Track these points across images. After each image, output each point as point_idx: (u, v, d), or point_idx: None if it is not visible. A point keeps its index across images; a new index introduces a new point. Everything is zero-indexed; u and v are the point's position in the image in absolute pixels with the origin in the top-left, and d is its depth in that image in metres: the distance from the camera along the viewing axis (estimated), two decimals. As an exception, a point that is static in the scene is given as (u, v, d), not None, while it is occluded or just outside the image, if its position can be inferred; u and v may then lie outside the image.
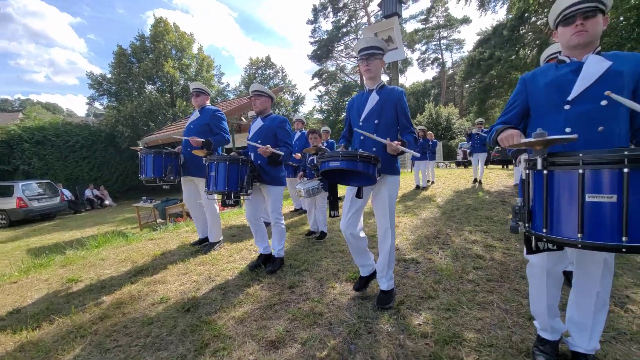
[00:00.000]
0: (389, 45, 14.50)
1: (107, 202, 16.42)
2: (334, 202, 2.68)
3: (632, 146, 1.42)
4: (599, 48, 1.41)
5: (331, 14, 34.94)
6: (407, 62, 38.80)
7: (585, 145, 1.35)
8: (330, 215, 2.71)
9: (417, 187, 8.02)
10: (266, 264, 3.21)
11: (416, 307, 2.26)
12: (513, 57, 18.33)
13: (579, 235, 1.09)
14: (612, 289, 2.36)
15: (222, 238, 4.05)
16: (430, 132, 8.80)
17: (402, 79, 39.89)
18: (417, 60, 40.07)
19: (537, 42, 17.59)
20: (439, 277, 2.72)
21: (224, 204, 3.07)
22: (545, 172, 1.19)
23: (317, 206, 4.19)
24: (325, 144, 5.36)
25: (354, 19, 34.85)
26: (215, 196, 3.70)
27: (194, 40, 25.29)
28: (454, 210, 5.25)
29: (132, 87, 23.70)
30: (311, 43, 36.79)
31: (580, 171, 1.09)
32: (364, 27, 30.28)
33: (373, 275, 2.52)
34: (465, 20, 35.03)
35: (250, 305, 2.46)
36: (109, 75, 23.90)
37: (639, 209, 1.02)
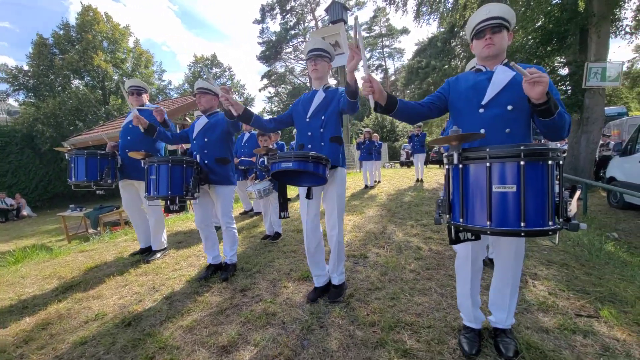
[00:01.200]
0: (336, 50, 14.98)
1: (24, 213, 14.24)
2: (283, 203, 2.67)
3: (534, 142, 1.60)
4: (506, 60, 1.62)
5: (279, 16, 34.81)
6: (354, 67, 40.21)
7: (496, 144, 1.48)
8: (280, 217, 2.69)
9: (366, 186, 8.40)
10: (216, 273, 3.06)
11: (364, 299, 2.40)
12: (446, 66, 20.26)
13: (488, 223, 1.23)
14: (523, 268, 2.77)
15: (166, 245, 3.81)
16: (375, 134, 9.28)
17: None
18: (362, 66, 41.76)
19: (465, 54, 19.67)
20: (385, 270, 2.91)
21: (167, 210, 2.84)
22: (460, 166, 1.32)
23: (271, 207, 4.18)
24: (275, 145, 5.36)
25: (301, 22, 35.14)
26: (159, 201, 3.48)
27: (130, 33, 23.20)
28: (398, 207, 5.62)
29: (54, 81, 20.94)
30: (259, 44, 36.24)
31: (488, 164, 1.24)
32: (311, 30, 30.75)
33: (327, 287, 2.50)
34: (405, 31, 37.58)
35: (199, 313, 2.37)
36: (26, 68, 20.78)
37: (534, 197, 1.19)
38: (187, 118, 11.00)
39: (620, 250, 3.80)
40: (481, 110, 1.56)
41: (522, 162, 1.18)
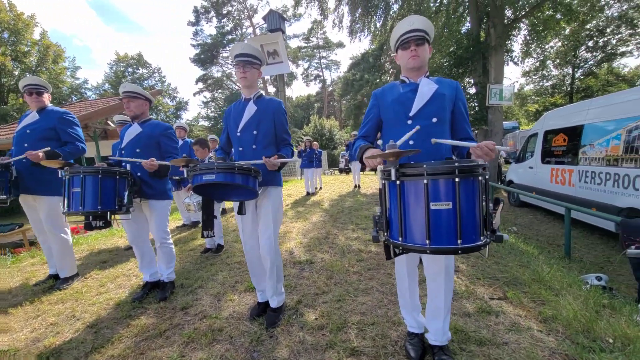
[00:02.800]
0: (275, 59, 15.04)
1: None
2: (207, 221, 2.42)
3: (454, 156, 1.66)
4: (428, 72, 1.68)
5: (215, 19, 33.62)
6: (292, 76, 40.80)
7: (425, 156, 1.55)
8: (202, 236, 2.47)
9: (307, 193, 8.55)
10: (153, 292, 2.82)
11: (312, 304, 2.47)
12: (377, 80, 21.98)
13: (427, 242, 1.21)
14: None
15: (76, 272, 3.26)
16: (315, 142, 9.55)
17: (288, 92, 41.73)
18: (302, 75, 42.67)
19: (393, 70, 21.65)
20: (330, 273, 3.02)
21: (88, 227, 2.49)
22: (398, 182, 1.28)
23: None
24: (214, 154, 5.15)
25: (239, 28, 34.48)
26: (65, 219, 3.01)
27: (36, 23, 19.91)
28: (339, 212, 5.87)
29: None
30: (194, 46, 34.41)
31: (425, 181, 1.21)
32: (249, 37, 30.37)
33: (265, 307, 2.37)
34: (340, 45, 39.57)
35: (133, 339, 2.16)
36: None
37: (469, 214, 1.20)
38: (109, 122, 9.87)
39: (518, 241, 4.56)
40: (409, 122, 1.59)
41: (456, 179, 1.18)
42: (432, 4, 11.48)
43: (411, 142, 1.58)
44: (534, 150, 7.50)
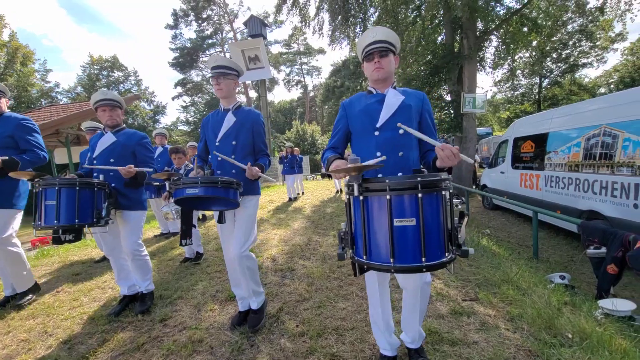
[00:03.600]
0: (256, 64, 15.05)
1: None
2: (186, 230, 2.44)
3: (422, 167, 1.63)
4: (395, 83, 1.67)
5: (194, 23, 33.17)
6: (274, 81, 40.81)
7: (392, 167, 1.53)
8: (181, 244, 2.48)
9: (290, 199, 8.57)
10: (132, 305, 2.73)
11: (293, 311, 2.50)
12: (358, 87, 22.43)
13: (391, 260, 1.16)
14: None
15: (34, 282, 3.08)
16: (297, 148, 9.61)
17: (270, 96, 41.66)
18: (283, 80, 42.76)
19: (375, 77, 22.23)
20: (312, 280, 3.07)
21: (57, 241, 2.40)
22: (361, 198, 1.23)
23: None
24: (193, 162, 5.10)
25: (219, 32, 34.17)
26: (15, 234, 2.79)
27: (5, 24, 18.91)
28: (321, 219, 5.93)
29: None
30: (172, 49, 33.74)
31: (388, 197, 1.16)
32: (230, 41, 30.16)
33: (247, 315, 2.36)
34: (321, 51, 40.02)
35: (109, 353, 2.11)
36: None
37: (433, 230, 1.16)
38: (82, 128, 9.49)
39: (491, 243, 4.79)
40: (376, 133, 1.57)
41: (419, 194, 1.14)
42: (409, 14, 11.91)
43: (378, 154, 1.53)
44: (505, 156, 7.89)
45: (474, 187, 11.08)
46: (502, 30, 11.30)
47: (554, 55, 22.78)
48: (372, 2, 12.51)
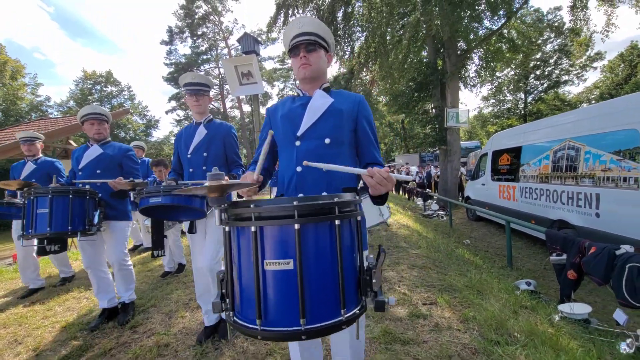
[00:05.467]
0: (249, 80, 15.42)
1: None
2: (157, 240, 2.51)
3: (361, 185, 1.38)
4: (327, 84, 1.41)
5: (189, 39, 33.86)
6: (267, 96, 41.44)
7: (314, 185, 1.28)
8: (152, 256, 2.54)
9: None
10: (112, 318, 2.71)
11: (261, 317, 2.58)
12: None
13: (258, 322, 0.82)
14: (392, 274, 3.38)
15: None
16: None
17: (263, 111, 42.21)
18: (277, 95, 43.44)
19: (364, 92, 22.76)
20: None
21: (41, 252, 2.44)
22: (227, 228, 0.92)
23: (172, 239, 4.01)
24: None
25: (214, 49, 34.89)
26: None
27: None
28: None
29: None
30: (166, 64, 34.22)
31: (253, 229, 0.83)
32: (224, 58, 30.77)
33: (219, 324, 2.34)
34: (315, 67, 40.91)
35: (76, 359, 2.17)
36: None
37: (317, 279, 0.83)
38: (71, 142, 9.58)
39: (466, 252, 4.94)
40: (297, 143, 1.33)
41: (296, 226, 0.81)
42: (396, 33, 12.43)
43: (299, 169, 1.30)
44: (485, 169, 8.15)
45: (460, 199, 11.31)
46: (482, 49, 11.83)
47: (537, 72, 23.75)
48: (358, 23, 13.05)
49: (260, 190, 1.35)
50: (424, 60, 12.31)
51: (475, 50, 11.66)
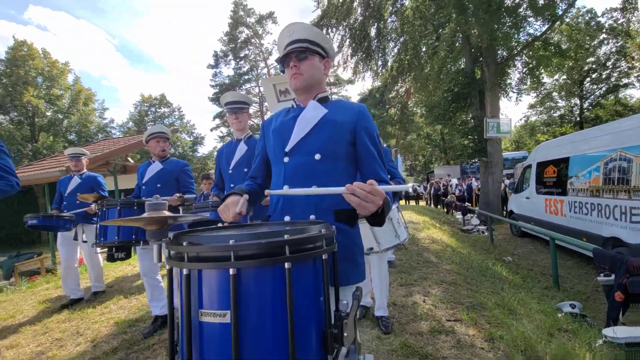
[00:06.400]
0: (286, 97, 16.18)
1: None
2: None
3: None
4: (325, 94, 1.29)
5: (232, 62, 36.40)
6: (304, 111, 42.64)
7: (302, 207, 1.16)
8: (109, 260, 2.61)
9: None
10: (165, 325, 2.76)
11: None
12: (384, 114, 22.93)
13: None
14: (419, 289, 3.34)
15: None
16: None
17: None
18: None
19: (400, 104, 22.60)
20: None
21: (110, 259, 2.66)
22: (167, 267, 0.79)
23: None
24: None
25: (255, 69, 37.07)
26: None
27: (70, 70, 22.34)
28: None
29: (-30, 116, 18.87)
30: (212, 86, 36.99)
31: (185, 271, 0.71)
32: (264, 77, 32.55)
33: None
34: (350, 82, 41.49)
35: (126, 350, 2.47)
36: None
37: (258, 335, 0.68)
38: (129, 158, 10.73)
39: (504, 270, 4.67)
40: (285, 160, 1.22)
41: (231, 271, 0.66)
42: (431, 44, 12.33)
43: (286, 187, 1.17)
44: (530, 181, 7.65)
45: (504, 213, 10.62)
46: (525, 56, 11.28)
47: (593, 76, 21.77)
48: (391, 37, 13.16)
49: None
50: (461, 70, 12.00)
51: (517, 58, 11.14)
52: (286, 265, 0.68)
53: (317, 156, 1.17)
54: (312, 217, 1.14)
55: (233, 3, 33.61)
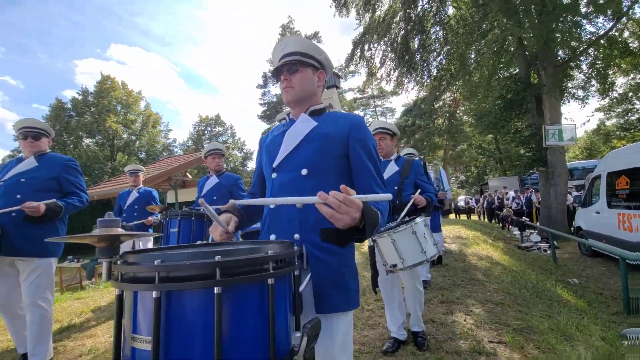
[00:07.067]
0: (328, 111, 16.74)
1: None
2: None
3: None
4: (319, 106, 1.25)
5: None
6: (348, 125, 43.02)
7: (285, 226, 1.10)
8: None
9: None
10: None
11: (321, 333, 2.81)
12: (430, 124, 22.18)
13: None
14: (462, 307, 3.20)
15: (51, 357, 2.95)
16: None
17: (345, 139, 44.19)
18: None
19: (447, 114, 21.71)
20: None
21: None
22: (116, 291, 0.69)
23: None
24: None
25: (300, 86, 38.73)
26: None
27: (142, 97, 25.69)
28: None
29: (66, 140, 22.52)
30: (261, 104, 39.36)
31: (117, 292, 0.67)
32: (308, 93, 33.78)
33: None
34: (395, 93, 41.02)
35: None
36: (41, 128, 22.75)
37: None
38: (187, 174, 11.87)
39: (567, 292, 4.21)
40: (273, 176, 1.18)
41: (154, 294, 0.60)
42: (478, 51, 11.81)
43: (272, 206, 1.16)
44: (600, 194, 6.81)
45: (571, 230, 9.50)
46: (589, 56, 10.23)
47: (683, 72, 18.70)
48: (434, 48, 12.90)
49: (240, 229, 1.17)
50: (514, 75, 11.25)
51: (580, 58, 10.16)
52: (215, 289, 0.60)
53: (304, 171, 1.12)
54: (296, 236, 1.08)
55: (281, 27, 35.77)
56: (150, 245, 4.16)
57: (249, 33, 79.98)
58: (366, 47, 13.69)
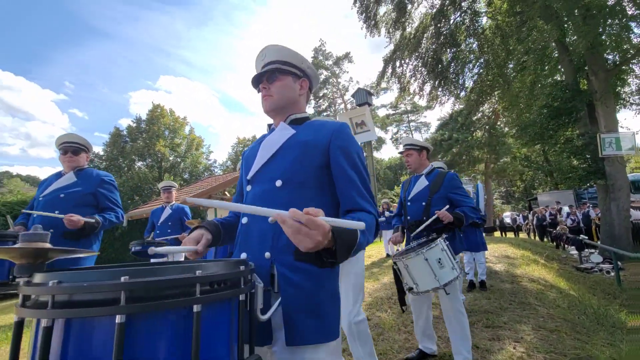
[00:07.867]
0: (362, 128, 16.75)
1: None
2: None
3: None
4: (300, 115, 1.19)
5: (312, 101, 39.60)
6: (381, 141, 42.80)
7: (258, 243, 0.99)
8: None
9: (387, 255, 8.60)
10: None
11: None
12: (469, 137, 21.19)
13: None
14: (510, 333, 2.96)
15: None
16: (394, 204, 9.80)
17: (378, 155, 43.76)
18: (391, 139, 44.35)
19: (487, 126, 20.67)
20: (381, 330, 3.22)
21: None
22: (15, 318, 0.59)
23: None
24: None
25: (333, 105, 39.47)
26: None
27: (187, 122, 27.86)
28: (413, 276, 5.82)
29: (121, 163, 24.93)
30: (295, 124, 40.68)
31: (16, 318, 0.58)
32: (340, 112, 34.31)
33: None
34: (429, 107, 40.14)
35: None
36: (101, 153, 25.38)
37: None
38: (226, 193, 12.46)
39: (634, 318, 3.69)
40: (248, 188, 1.11)
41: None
42: (518, 57, 11.29)
43: (245, 220, 1.07)
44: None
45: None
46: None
47: None
48: (469, 59, 12.59)
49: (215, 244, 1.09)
50: (560, 82, 10.55)
51: (633, 61, 9.31)
52: (117, 318, 0.51)
53: (278, 182, 1.02)
54: (267, 254, 0.96)
55: (313, 50, 37.26)
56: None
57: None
58: (397, 63, 13.73)
